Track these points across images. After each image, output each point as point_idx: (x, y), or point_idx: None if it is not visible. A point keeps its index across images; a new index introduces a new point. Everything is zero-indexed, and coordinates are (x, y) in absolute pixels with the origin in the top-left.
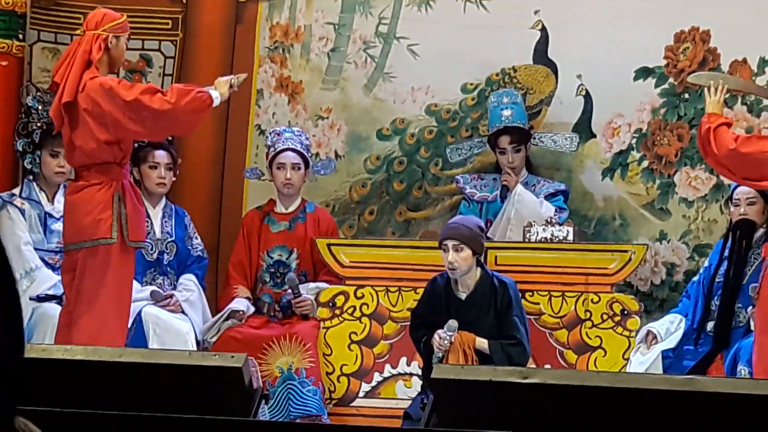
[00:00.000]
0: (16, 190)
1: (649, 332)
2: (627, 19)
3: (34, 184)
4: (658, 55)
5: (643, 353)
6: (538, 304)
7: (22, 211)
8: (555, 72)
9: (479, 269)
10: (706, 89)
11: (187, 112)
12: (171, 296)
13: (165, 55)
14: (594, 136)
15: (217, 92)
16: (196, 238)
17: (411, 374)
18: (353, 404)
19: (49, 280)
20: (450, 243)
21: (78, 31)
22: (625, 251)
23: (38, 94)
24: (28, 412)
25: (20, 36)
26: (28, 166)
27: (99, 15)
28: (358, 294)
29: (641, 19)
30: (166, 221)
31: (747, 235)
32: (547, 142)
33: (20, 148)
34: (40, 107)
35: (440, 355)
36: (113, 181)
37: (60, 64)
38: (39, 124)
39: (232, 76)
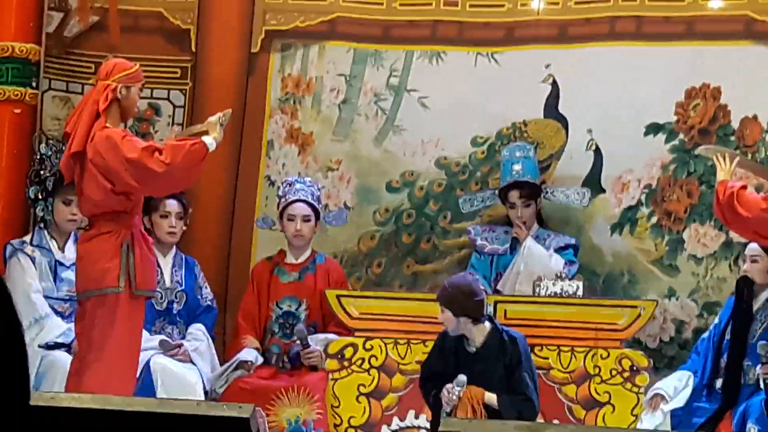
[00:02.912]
0: (27, 238)
1: (656, 394)
2: (638, 75)
3: (45, 231)
4: (669, 111)
5: (653, 415)
6: (548, 358)
7: (33, 259)
8: (565, 126)
9: (488, 323)
10: (715, 159)
11: (184, 169)
12: (180, 346)
13: (174, 104)
14: (603, 191)
15: (211, 137)
16: (206, 287)
17: (419, 427)
18: None
19: (58, 328)
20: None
21: (90, 81)
22: (635, 307)
23: (51, 142)
24: None
25: (33, 84)
26: (40, 214)
27: (110, 65)
28: (367, 346)
29: (652, 75)
30: (176, 270)
31: (748, 292)
32: (558, 196)
33: (32, 195)
34: (53, 155)
35: (449, 409)
36: (122, 229)
37: (72, 115)
38: (52, 172)
39: (219, 114)
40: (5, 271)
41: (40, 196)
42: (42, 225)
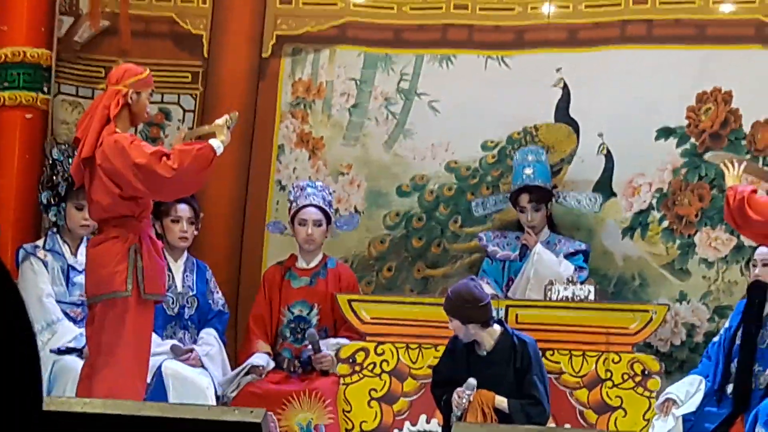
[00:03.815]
0: (40, 242)
1: (667, 399)
2: (649, 79)
3: (58, 236)
4: (680, 116)
5: (664, 420)
6: (559, 363)
7: (45, 263)
8: (576, 130)
9: (499, 327)
10: (722, 165)
11: (191, 173)
12: (191, 350)
13: (184, 108)
14: (614, 195)
15: (218, 141)
16: (218, 292)
17: None
18: None
19: (70, 333)
20: None
21: (100, 86)
22: (647, 311)
23: (63, 147)
24: None
25: (45, 89)
26: (53, 219)
27: (120, 70)
28: (379, 350)
29: (663, 79)
30: (187, 275)
31: (760, 297)
32: (570, 201)
33: (45, 201)
34: (64, 160)
35: (459, 413)
36: (131, 234)
37: (82, 120)
38: (64, 177)
39: (226, 117)
40: (18, 275)
41: (52, 201)
42: (55, 230)
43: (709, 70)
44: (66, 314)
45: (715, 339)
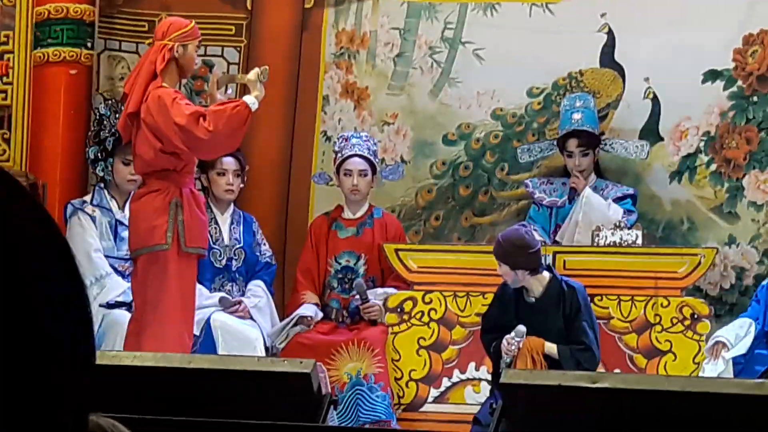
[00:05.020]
0: (87, 198)
1: (717, 342)
2: (695, 22)
3: (105, 191)
4: (727, 58)
5: (715, 363)
6: (608, 308)
7: (93, 218)
8: (622, 75)
9: (548, 274)
10: None
11: (228, 134)
12: (240, 302)
13: (228, 61)
14: (662, 139)
15: (252, 96)
16: (265, 244)
17: (480, 379)
18: (422, 409)
19: (118, 287)
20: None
21: (147, 41)
22: (695, 255)
23: (110, 102)
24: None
25: (89, 44)
26: (100, 174)
27: (165, 25)
28: (426, 299)
29: (709, 22)
30: (234, 228)
31: None
32: (617, 148)
33: (92, 156)
34: (111, 115)
35: (508, 360)
36: (172, 187)
37: (130, 76)
38: (111, 132)
39: (256, 71)
40: (66, 230)
41: (99, 156)
42: (102, 185)
43: (756, 12)
44: (114, 269)
45: (764, 282)
